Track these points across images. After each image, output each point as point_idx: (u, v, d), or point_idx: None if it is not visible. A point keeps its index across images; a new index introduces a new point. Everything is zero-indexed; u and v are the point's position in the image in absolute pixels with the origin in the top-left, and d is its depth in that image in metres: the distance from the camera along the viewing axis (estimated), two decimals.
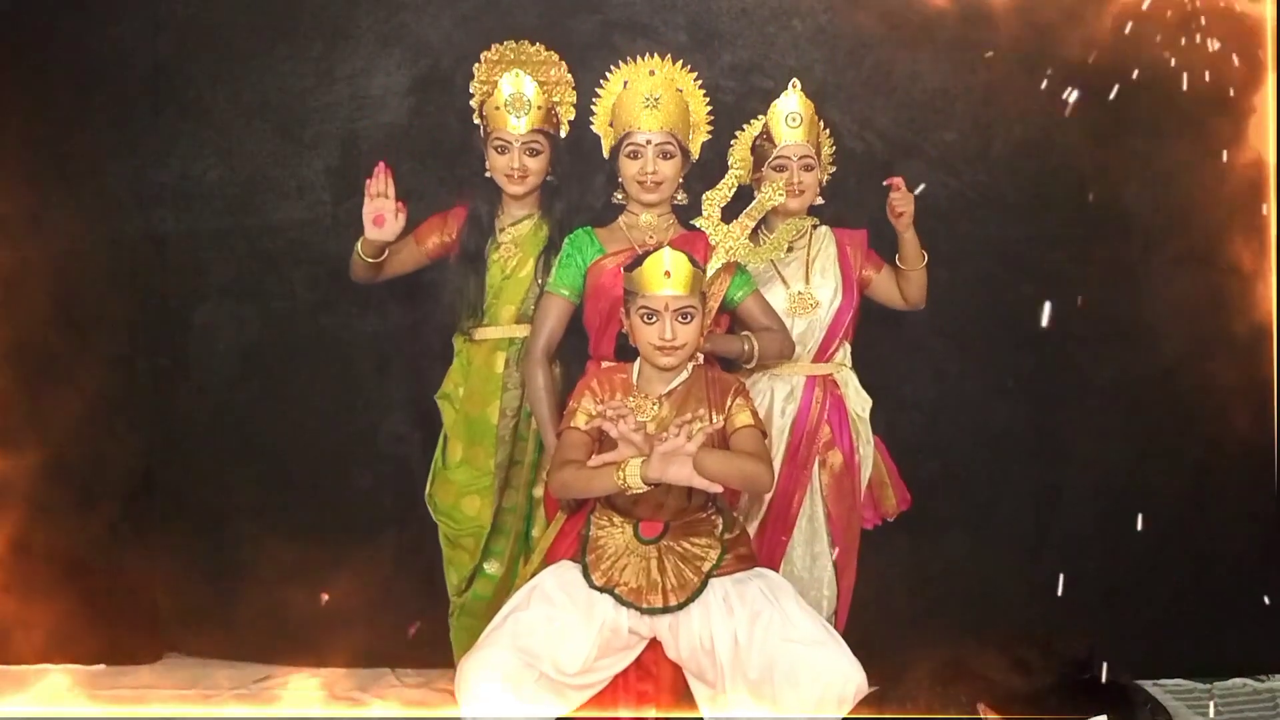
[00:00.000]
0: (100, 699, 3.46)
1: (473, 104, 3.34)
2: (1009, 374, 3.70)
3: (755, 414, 2.82)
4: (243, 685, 3.58)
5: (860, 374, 3.39)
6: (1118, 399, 3.65)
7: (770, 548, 3.22)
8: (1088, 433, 3.70)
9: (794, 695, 2.60)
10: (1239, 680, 3.64)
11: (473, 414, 3.31)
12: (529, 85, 3.21)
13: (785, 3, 3.62)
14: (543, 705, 2.65)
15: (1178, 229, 3.63)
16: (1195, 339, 3.62)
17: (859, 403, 3.33)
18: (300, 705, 3.47)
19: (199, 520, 3.70)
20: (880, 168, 3.50)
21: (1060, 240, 3.65)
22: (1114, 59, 3.55)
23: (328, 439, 3.70)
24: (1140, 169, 3.61)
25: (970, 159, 3.65)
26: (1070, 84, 3.54)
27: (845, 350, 3.36)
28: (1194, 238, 3.63)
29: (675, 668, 2.79)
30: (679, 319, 2.76)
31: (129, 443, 3.68)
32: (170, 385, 3.72)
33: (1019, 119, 3.63)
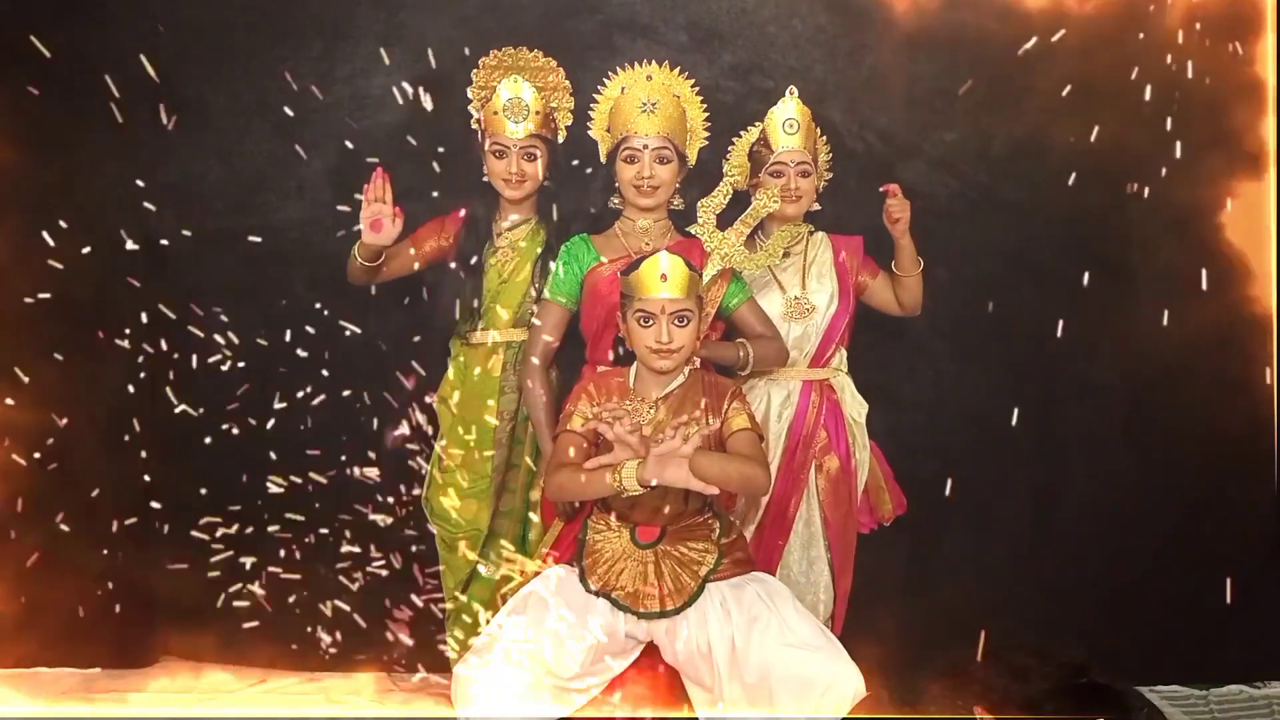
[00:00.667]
0: (97, 702, 3.47)
1: (471, 109, 3.34)
2: (1009, 374, 3.70)
3: (752, 417, 2.82)
4: (239, 689, 3.59)
5: (860, 375, 3.40)
6: (1118, 399, 3.65)
7: (767, 552, 3.22)
8: (1088, 433, 3.70)
9: (791, 699, 2.61)
10: (1235, 687, 3.63)
11: (470, 417, 3.32)
12: (527, 90, 3.21)
13: (785, 3, 3.62)
14: (539, 709, 2.67)
15: (1178, 228, 3.62)
16: (1195, 339, 3.60)
17: (855, 407, 3.34)
18: (297, 709, 3.48)
19: (196, 522, 3.69)
20: (880, 168, 3.50)
21: (1060, 240, 3.64)
22: (1114, 58, 3.55)
23: (328, 439, 3.70)
24: (1140, 169, 3.60)
25: (970, 159, 3.65)
26: (1069, 83, 3.54)
27: (841, 355, 3.36)
28: (1194, 237, 3.62)
29: (672, 672, 2.79)
30: (675, 322, 2.76)
31: (128, 443, 3.68)
32: (170, 385, 3.72)
33: (1019, 119, 3.62)
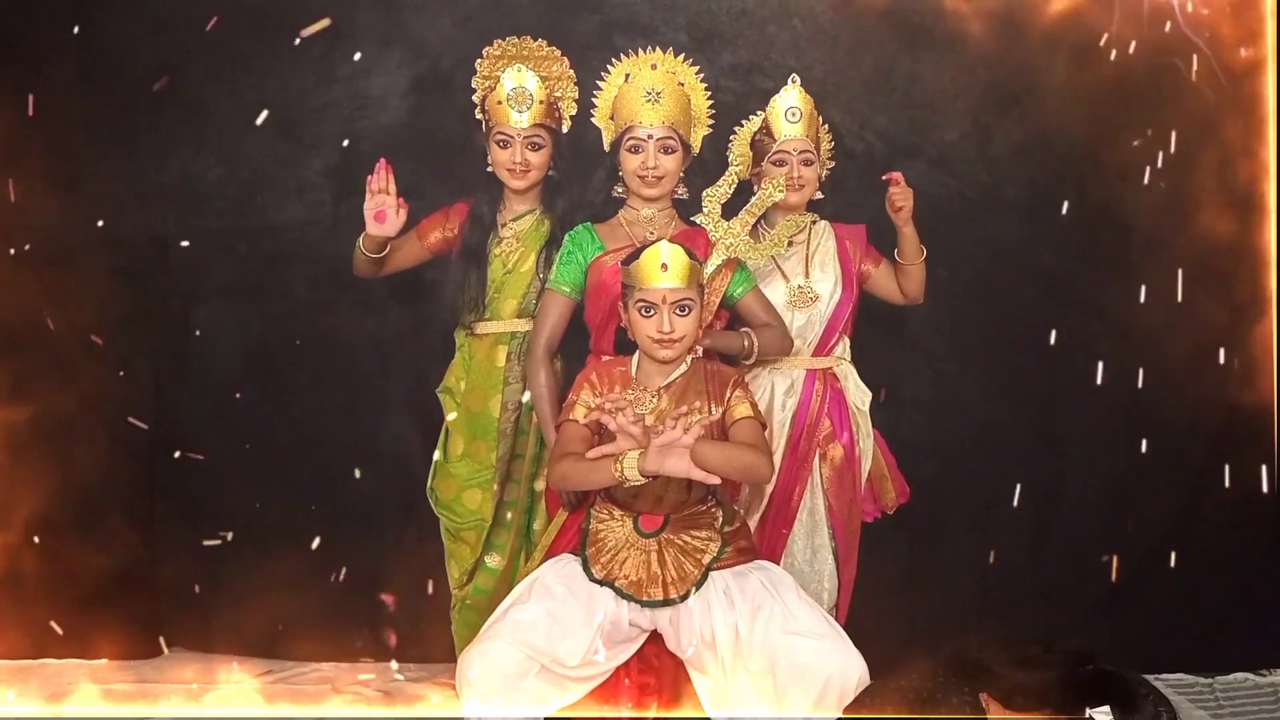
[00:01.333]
0: (102, 693, 3.44)
1: (475, 99, 3.34)
2: (1009, 374, 3.70)
3: (754, 405, 2.82)
4: (244, 680, 3.56)
5: (861, 372, 3.39)
6: (1117, 399, 3.65)
7: (771, 540, 3.21)
8: (1088, 433, 3.70)
9: (795, 688, 2.60)
10: (1240, 675, 3.63)
11: (474, 408, 3.31)
12: (531, 80, 3.21)
13: (785, 3, 3.63)
14: (543, 698, 2.66)
15: (1178, 228, 3.62)
16: (1195, 338, 3.61)
17: (859, 395, 3.33)
18: (302, 700, 3.45)
19: (200, 517, 3.69)
20: (880, 168, 3.49)
21: (1060, 240, 3.65)
22: (1115, 58, 3.56)
23: (328, 438, 3.69)
24: (1140, 168, 3.61)
25: (970, 159, 3.66)
26: (1069, 82, 3.55)
27: (845, 344, 3.36)
28: (1194, 237, 3.62)
29: (676, 660, 2.78)
30: (677, 311, 2.76)
31: (130, 442, 3.67)
32: (170, 385, 3.71)
33: (1019, 119, 3.63)
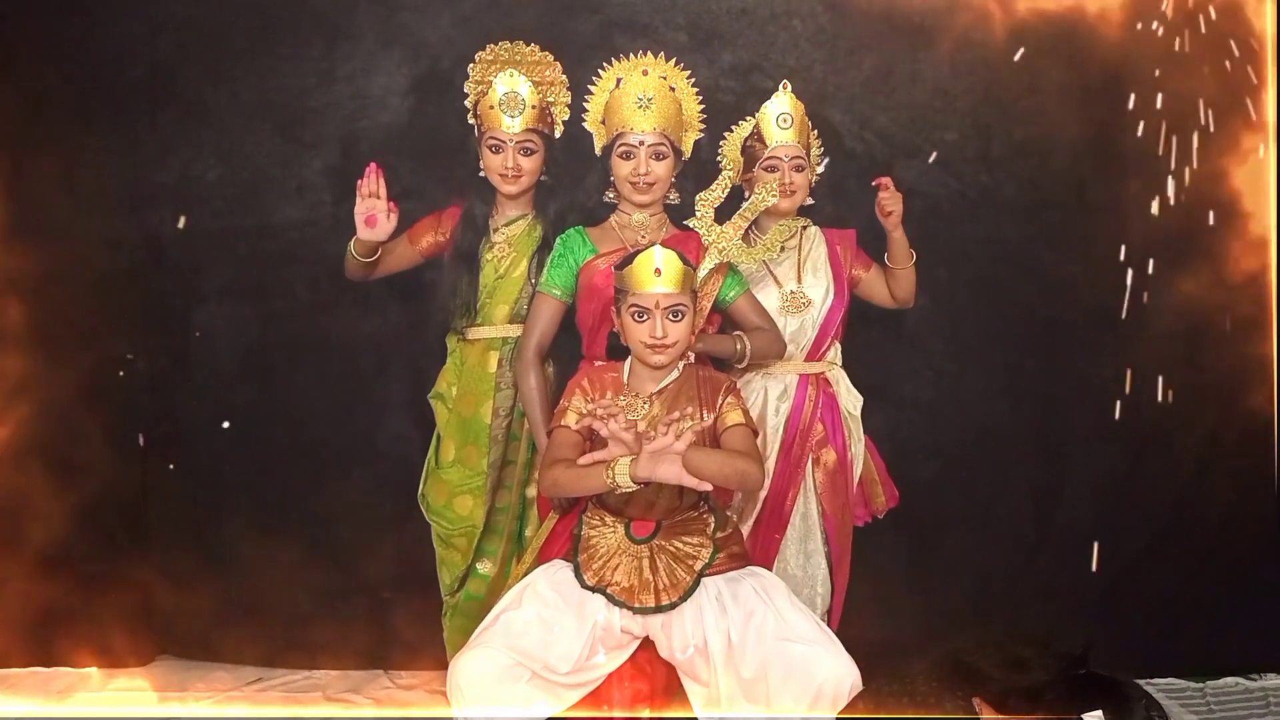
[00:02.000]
0: (93, 701, 3.46)
1: (467, 104, 3.33)
2: (1008, 374, 3.69)
3: (746, 412, 2.81)
4: (236, 687, 3.58)
5: (860, 374, 3.39)
6: (1116, 399, 3.64)
7: (764, 546, 3.22)
8: (1087, 433, 3.69)
9: (788, 694, 2.59)
10: (1231, 679, 3.63)
11: (466, 414, 3.31)
12: (524, 85, 3.20)
13: (785, 3, 3.62)
14: (535, 705, 2.65)
15: (1177, 228, 3.61)
16: (1194, 339, 3.61)
17: (851, 400, 3.33)
18: (294, 707, 3.47)
19: (195, 521, 3.70)
20: (880, 168, 3.49)
21: (1060, 240, 3.64)
22: (1115, 59, 3.55)
23: (327, 439, 3.70)
24: (1140, 168, 3.59)
25: (970, 159, 3.65)
26: (1069, 83, 3.54)
27: (837, 349, 3.35)
28: (1193, 237, 3.61)
29: (669, 667, 2.77)
30: (670, 317, 2.75)
31: (127, 443, 3.68)
32: (170, 385, 3.73)
33: (1019, 119, 3.62)
